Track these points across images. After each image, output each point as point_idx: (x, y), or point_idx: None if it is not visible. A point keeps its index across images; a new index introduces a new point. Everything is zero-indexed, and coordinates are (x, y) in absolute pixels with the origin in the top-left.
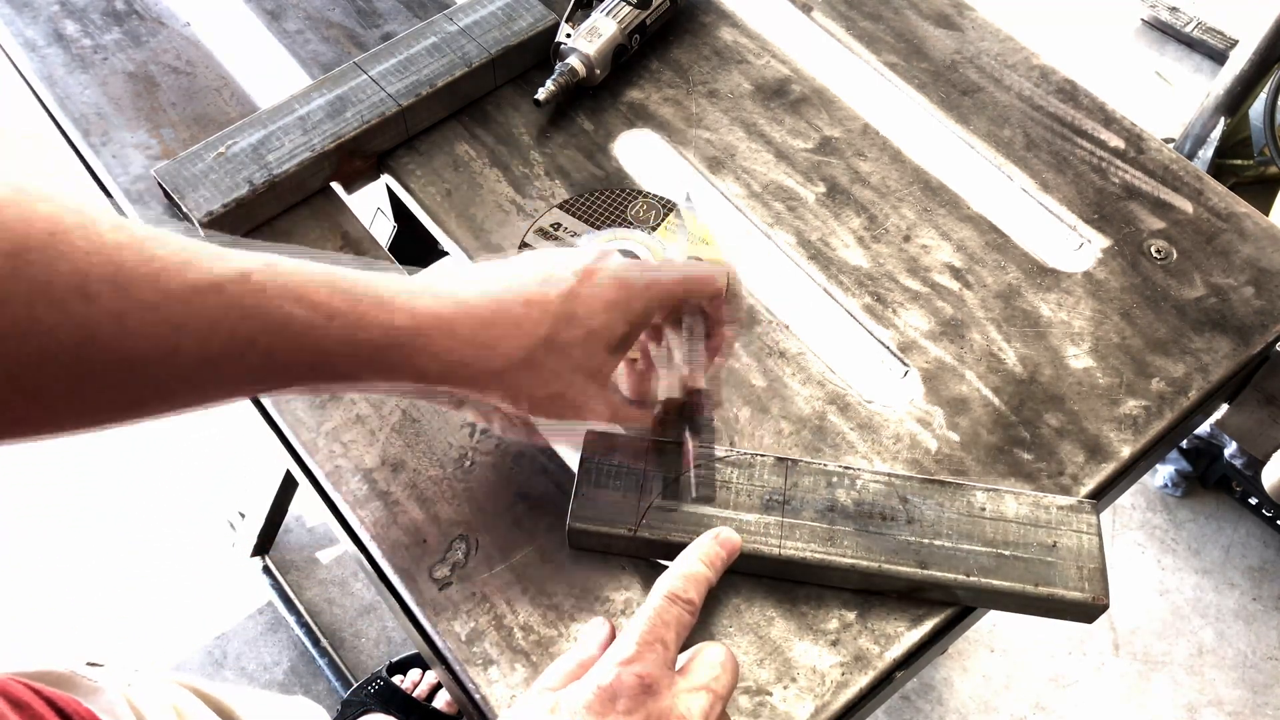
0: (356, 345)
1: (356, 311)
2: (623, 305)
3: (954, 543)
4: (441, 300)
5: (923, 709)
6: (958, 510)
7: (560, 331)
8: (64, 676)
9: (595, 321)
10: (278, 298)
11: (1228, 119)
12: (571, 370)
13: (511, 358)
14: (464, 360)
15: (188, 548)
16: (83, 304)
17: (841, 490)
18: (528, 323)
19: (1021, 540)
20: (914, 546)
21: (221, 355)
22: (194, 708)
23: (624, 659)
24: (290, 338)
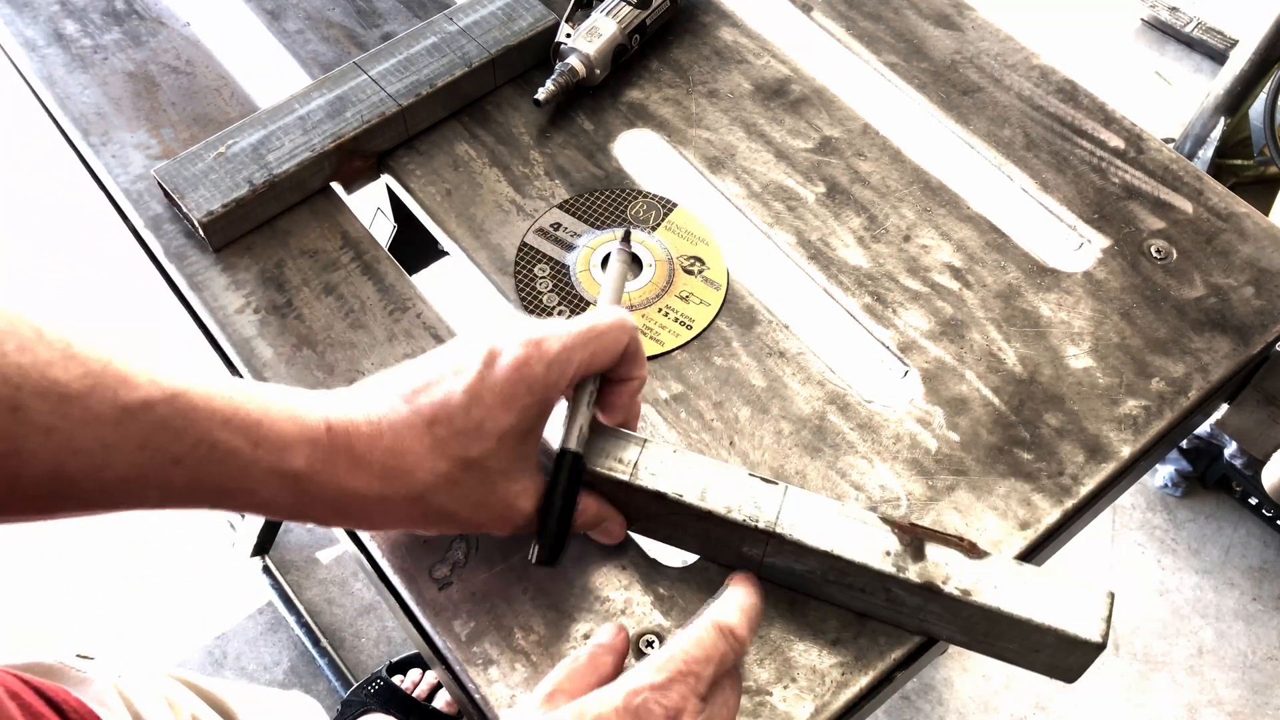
0: (279, 475)
1: (278, 440)
2: (524, 397)
3: (946, 623)
4: (349, 430)
5: (923, 709)
6: (943, 607)
7: (470, 447)
8: (53, 668)
9: (503, 424)
10: (206, 421)
11: (1228, 119)
12: (497, 476)
13: (427, 483)
14: (381, 494)
15: (188, 548)
16: (11, 417)
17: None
18: (439, 445)
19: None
20: (906, 615)
21: (147, 473)
22: (186, 700)
23: (655, 684)
24: (215, 461)
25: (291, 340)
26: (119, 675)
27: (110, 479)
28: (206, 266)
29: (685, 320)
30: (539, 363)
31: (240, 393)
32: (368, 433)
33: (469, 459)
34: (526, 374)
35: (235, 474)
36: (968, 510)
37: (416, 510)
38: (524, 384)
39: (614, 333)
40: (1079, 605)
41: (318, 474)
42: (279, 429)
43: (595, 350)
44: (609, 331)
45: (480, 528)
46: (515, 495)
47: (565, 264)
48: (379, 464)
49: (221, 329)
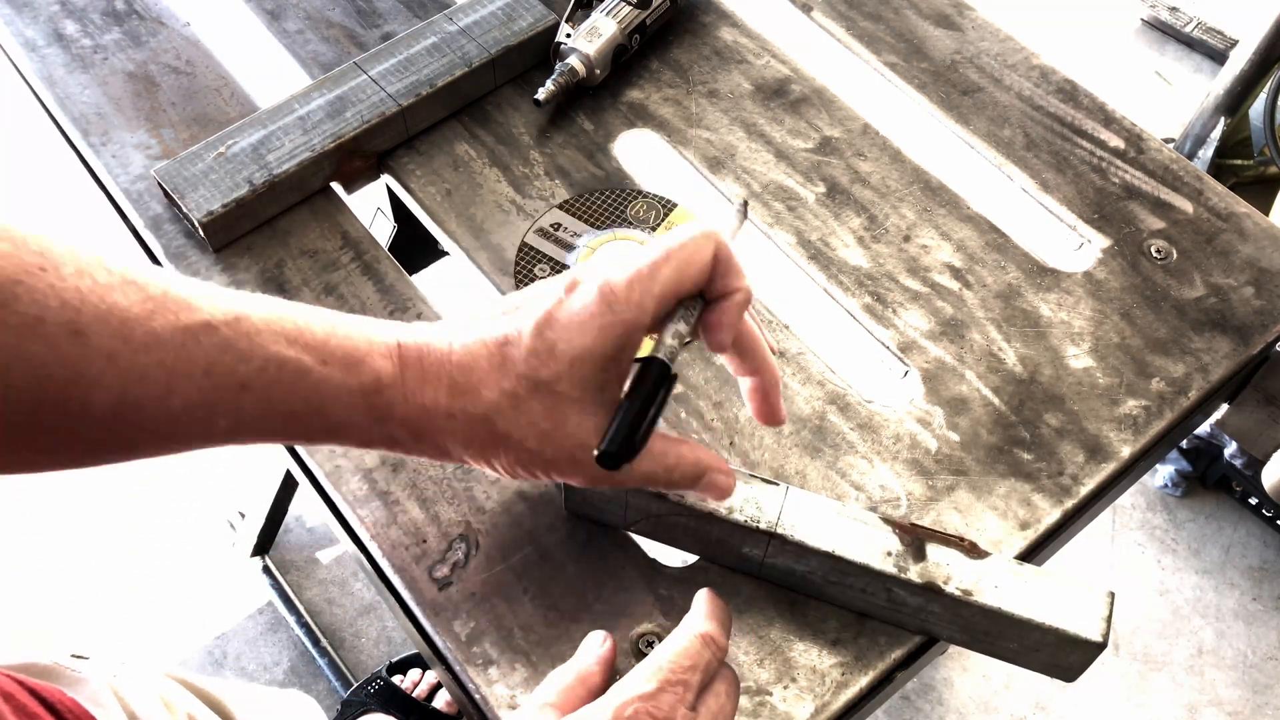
0: (349, 390)
1: (349, 355)
2: (605, 315)
3: (946, 623)
4: (422, 349)
5: (923, 709)
6: (944, 607)
7: (540, 368)
8: (48, 668)
9: (577, 345)
10: (272, 341)
11: (1228, 119)
12: (569, 405)
13: (493, 401)
14: (447, 409)
15: (188, 548)
16: (74, 341)
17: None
18: (509, 363)
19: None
20: (907, 615)
21: (215, 398)
22: (182, 699)
23: (645, 694)
24: (285, 381)
25: None
26: (114, 675)
27: (177, 406)
28: (206, 266)
29: None
30: (620, 282)
31: (305, 314)
32: (438, 349)
33: (538, 379)
34: (606, 293)
35: (305, 393)
36: (968, 510)
37: (483, 432)
38: (604, 303)
39: (696, 243)
40: (1079, 605)
41: (388, 388)
42: (348, 345)
43: (679, 264)
44: (691, 243)
45: (551, 467)
46: (589, 433)
47: (565, 264)
48: (447, 379)
49: None
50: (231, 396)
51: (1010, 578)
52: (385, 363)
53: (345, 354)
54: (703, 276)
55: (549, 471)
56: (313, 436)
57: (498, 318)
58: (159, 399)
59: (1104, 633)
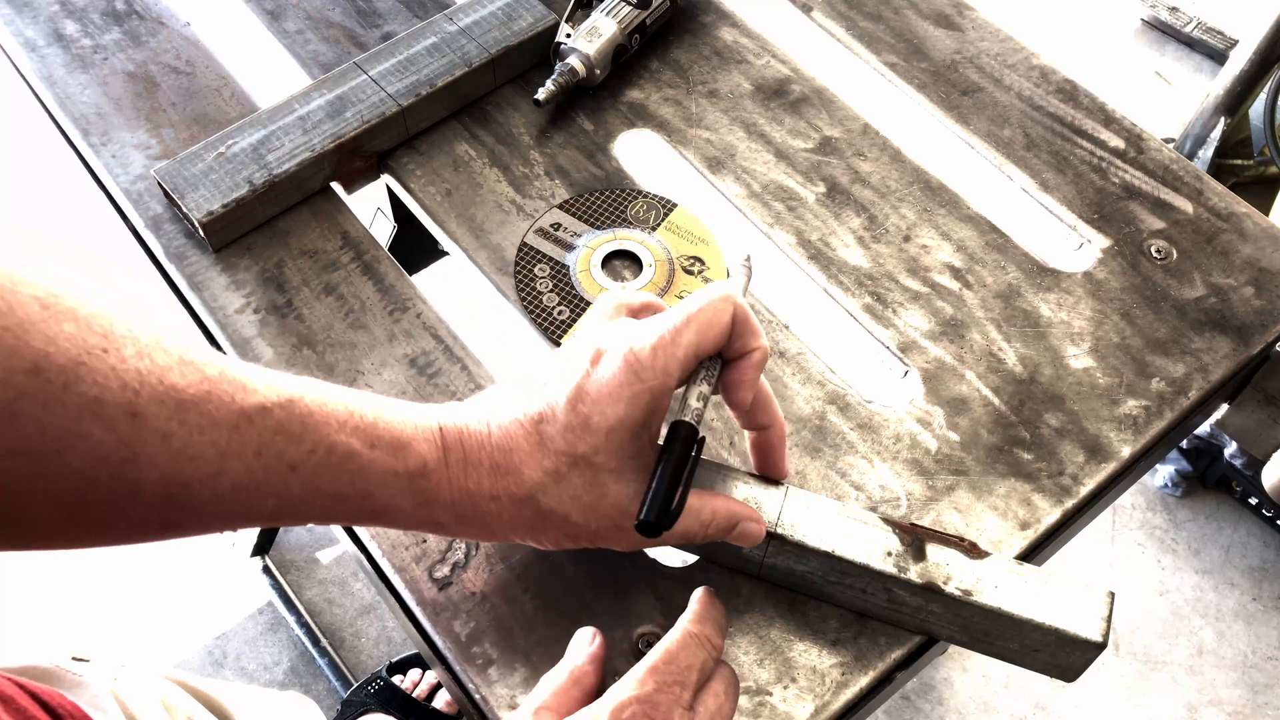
0: (396, 474)
1: (395, 440)
2: (633, 385)
3: (946, 623)
4: (461, 431)
5: (923, 709)
6: (944, 607)
7: (577, 443)
8: (48, 671)
9: (610, 416)
10: (323, 424)
11: (1228, 119)
12: (608, 475)
13: (536, 481)
14: (491, 492)
15: (188, 548)
16: (130, 423)
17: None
18: (547, 442)
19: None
20: (907, 615)
21: (264, 478)
22: (182, 702)
23: (641, 695)
24: (333, 464)
25: (291, 340)
26: (114, 678)
27: (226, 487)
28: (206, 266)
29: None
30: (644, 351)
31: (354, 398)
32: (478, 433)
33: (576, 455)
34: (633, 363)
35: (352, 477)
36: (968, 510)
37: (528, 512)
38: (631, 373)
39: (715, 307)
40: (1079, 605)
41: (433, 473)
42: (394, 431)
43: (699, 328)
44: (710, 307)
45: (598, 538)
46: (629, 500)
47: (565, 264)
48: (489, 461)
49: (221, 329)
50: (280, 477)
51: (1010, 578)
52: (429, 447)
53: (392, 438)
54: (723, 338)
55: (594, 540)
56: (357, 518)
57: (530, 395)
58: (209, 479)
59: (1104, 633)
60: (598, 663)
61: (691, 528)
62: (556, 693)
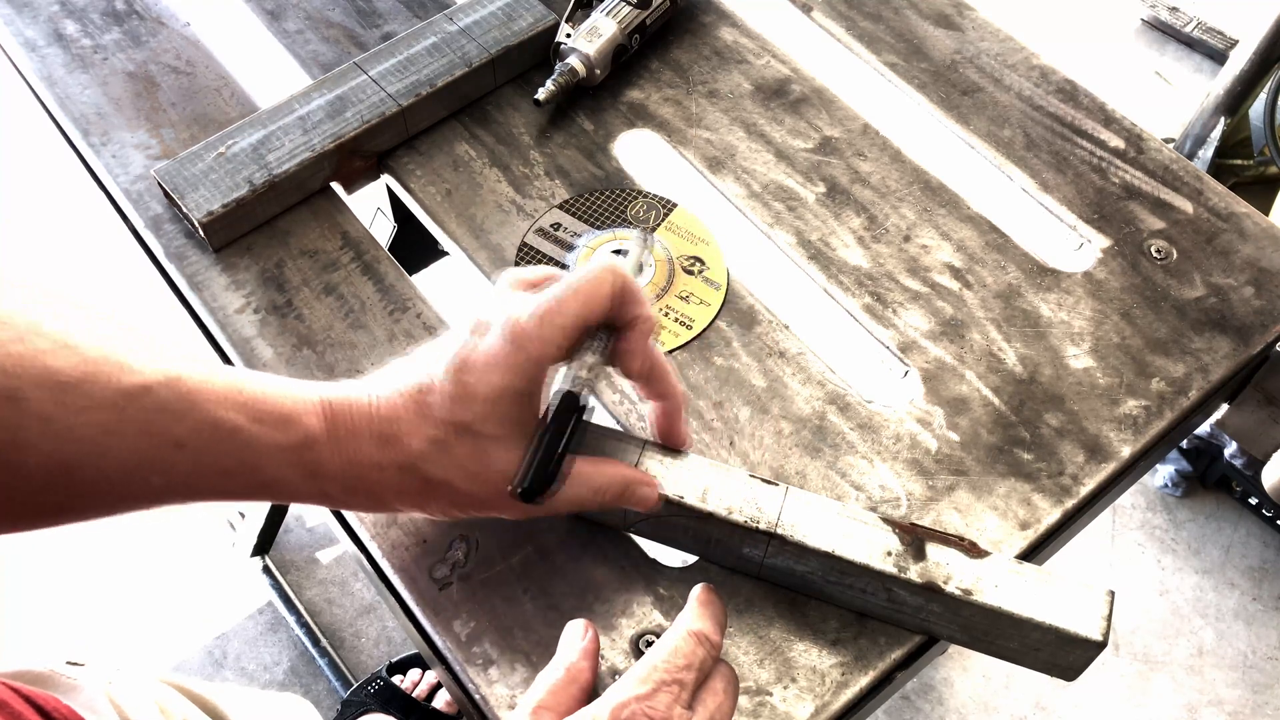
0: (281, 448)
1: (279, 415)
2: (517, 355)
3: (947, 623)
4: (347, 404)
5: (923, 709)
6: (944, 606)
7: (459, 412)
8: (43, 675)
9: (492, 385)
10: (207, 401)
11: (1228, 119)
12: (492, 443)
13: (419, 450)
14: (376, 461)
15: (188, 548)
16: (10, 407)
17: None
18: (429, 411)
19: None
20: (907, 614)
21: (150, 459)
22: (178, 705)
23: (640, 695)
24: (219, 440)
25: (291, 340)
26: (110, 681)
27: (111, 467)
28: (206, 266)
29: (685, 320)
30: (528, 320)
31: (238, 375)
32: (362, 404)
33: (459, 423)
34: (516, 332)
35: (238, 452)
36: (968, 510)
37: (414, 481)
38: (512, 342)
39: (599, 277)
40: (1079, 604)
41: (319, 444)
42: (279, 405)
43: (584, 299)
44: (593, 277)
45: (485, 506)
46: (514, 466)
47: (565, 264)
48: (373, 431)
49: (221, 329)
50: (166, 455)
51: (1010, 577)
52: (314, 420)
53: (277, 412)
54: (606, 308)
55: (482, 508)
56: (246, 494)
57: (415, 367)
58: (93, 460)
59: (1104, 632)
60: (592, 657)
61: (582, 494)
62: (553, 691)
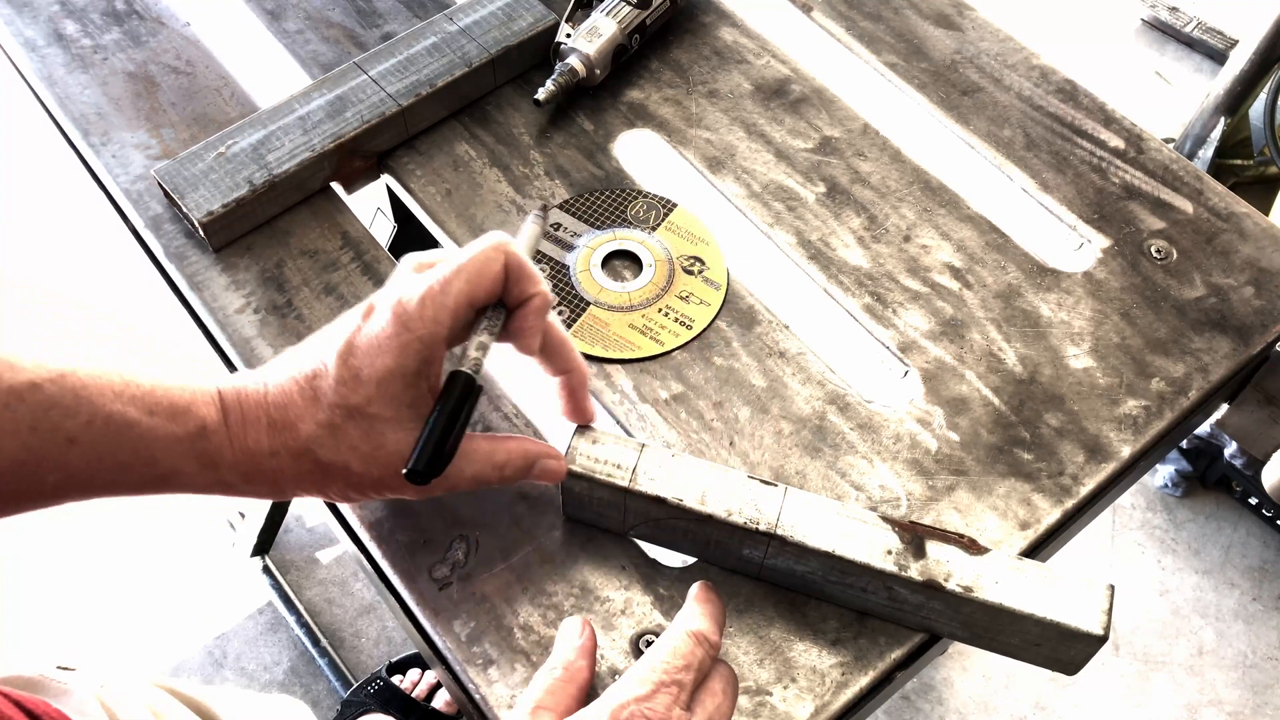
0: (177, 439)
1: (173, 406)
2: (404, 336)
3: (948, 620)
4: (239, 393)
5: (923, 709)
6: (945, 604)
7: (349, 395)
8: (33, 680)
9: (380, 367)
10: (98, 395)
11: (1228, 119)
12: (384, 424)
13: (311, 434)
14: (270, 448)
15: (188, 548)
16: None
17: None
18: (320, 395)
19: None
20: (908, 612)
21: (42, 456)
22: (171, 708)
23: (639, 696)
24: (113, 434)
25: (291, 340)
26: (101, 685)
27: (3, 466)
28: (206, 266)
29: (685, 320)
30: (411, 302)
31: (129, 370)
32: (255, 392)
33: (349, 406)
34: (400, 314)
35: (133, 444)
36: (968, 510)
37: (308, 465)
38: (399, 323)
39: (486, 255)
40: (1080, 599)
41: (213, 434)
42: (172, 396)
43: (469, 277)
44: (479, 256)
45: (382, 487)
46: (407, 447)
47: (565, 264)
48: (266, 418)
49: (221, 329)
50: (59, 452)
51: (1010, 573)
52: (208, 409)
53: (170, 404)
54: (496, 286)
55: (380, 490)
56: (144, 487)
57: (304, 353)
58: None
59: (1105, 625)
60: (590, 655)
61: (484, 471)
62: (551, 690)
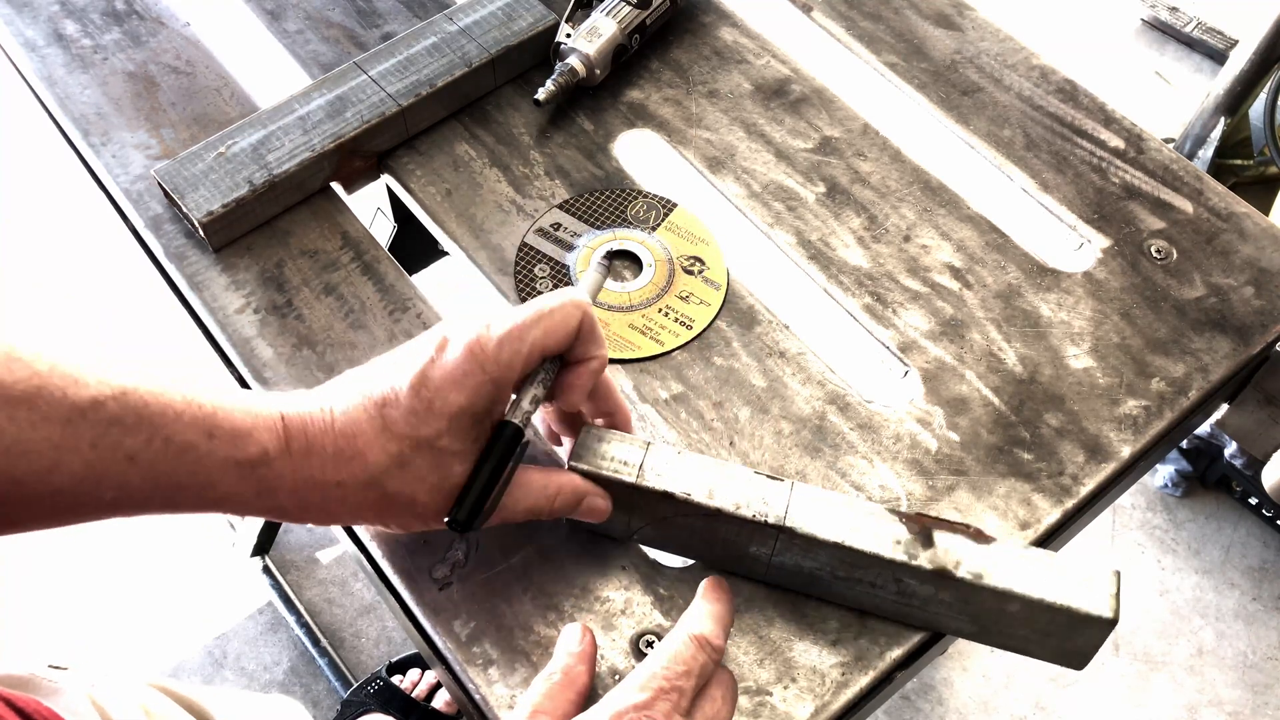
0: (236, 464)
1: (234, 430)
2: (476, 375)
3: (956, 613)
4: (305, 420)
5: (923, 709)
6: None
7: (420, 427)
8: (24, 679)
9: (453, 403)
10: (160, 415)
11: (1228, 119)
12: (452, 458)
13: (380, 464)
14: (337, 479)
15: (188, 547)
16: None
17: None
18: (390, 426)
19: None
20: (916, 607)
21: (101, 470)
22: (164, 707)
23: (639, 703)
24: (172, 455)
25: (291, 340)
26: (93, 684)
27: (62, 481)
28: (206, 266)
29: (685, 320)
30: (489, 342)
31: (192, 388)
32: (321, 419)
33: (420, 438)
34: (477, 352)
35: (191, 466)
36: (968, 510)
37: (374, 496)
38: (475, 362)
39: (565, 310)
40: (1088, 583)
41: (275, 461)
42: (234, 420)
43: (548, 328)
44: (560, 309)
45: (444, 515)
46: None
47: (565, 264)
48: (332, 447)
49: (221, 329)
50: (118, 469)
51: (1018, 560)
52: (270, 436)
53: (231, 428)
54: (568, 341)
55: (441, 519)
56: (199, 507)
57: (374, 379)
58: (43, 475)
59: (1114, 610)
60: (589, 661)
61: (538, 503)
62: (550, 694)
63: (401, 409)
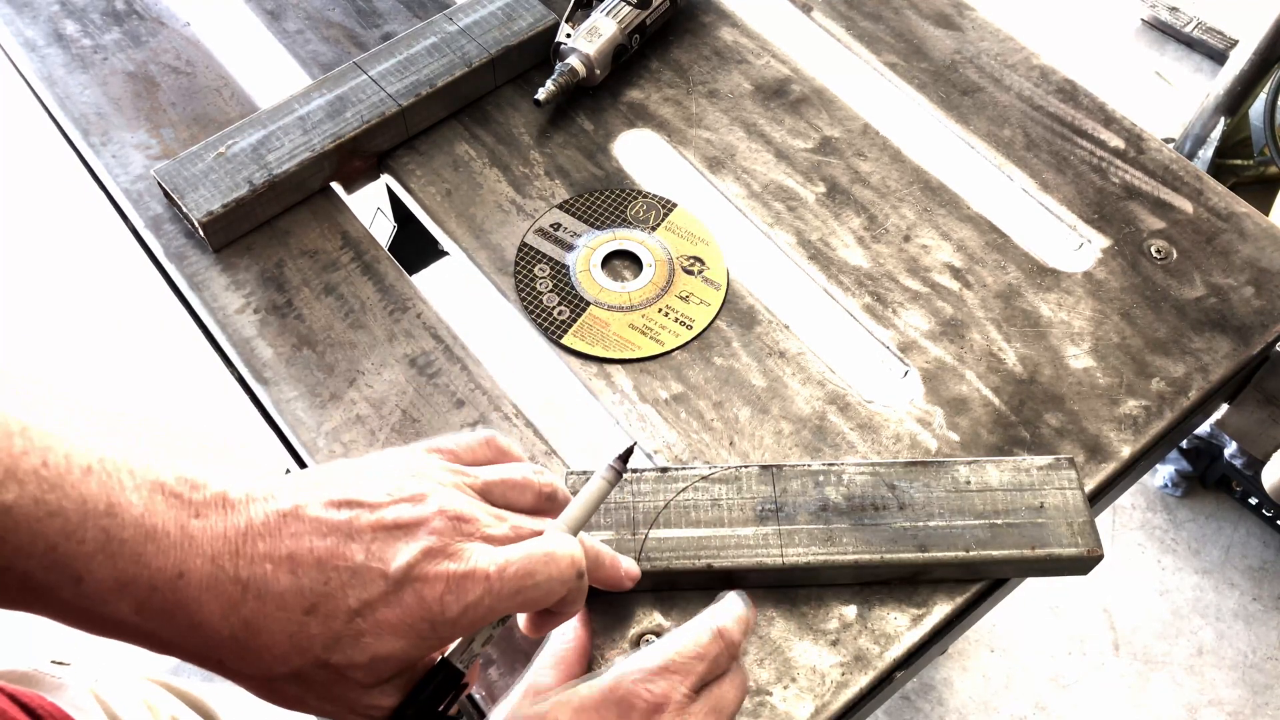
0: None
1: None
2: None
3: (948, 521)
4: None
5: (923, 709)
6: (944, 488)
7: (336, 652)
8: (28, 675)
9: (387, 648)
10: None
11: (1228, 119)
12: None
13: (275, 672)
14: (220, 659)
15: None
16: None
17: (830, 488)
18: (303, 637)
19: (1010, 507)
20: (910, 532)
21: None
22: (166, 702)
23: (646, 671)
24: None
25: (291, 340)
26: (95, 679)
27: None
28: (206, 266)
29: (685, 320)
30: (455, 604)
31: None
32: (226, 580)
33: (329, 663)
34: (435, 612)
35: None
36: None
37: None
38: (428, 621)
39: (552, 584)
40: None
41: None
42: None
43: (526, 600)
44: (547, 583)
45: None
46: (376, 697)
47: (565, 264)
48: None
49: (221, 329)
50: None
51: (990, 465)
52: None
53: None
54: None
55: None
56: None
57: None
58: None
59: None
60: (587, 622)
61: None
62: (557, 654)
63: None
